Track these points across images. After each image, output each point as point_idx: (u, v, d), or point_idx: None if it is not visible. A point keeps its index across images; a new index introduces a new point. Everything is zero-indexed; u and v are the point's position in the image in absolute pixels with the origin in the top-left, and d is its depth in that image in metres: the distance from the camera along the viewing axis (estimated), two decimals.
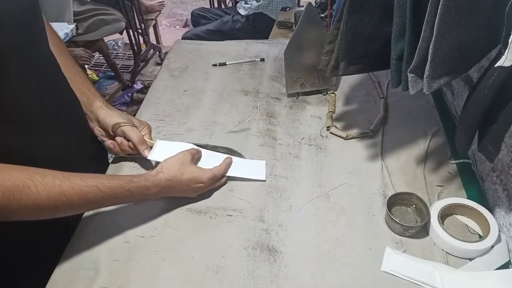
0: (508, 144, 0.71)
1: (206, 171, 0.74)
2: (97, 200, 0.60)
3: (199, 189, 0.74)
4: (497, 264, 0.65)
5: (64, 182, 0.56)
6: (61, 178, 0.56)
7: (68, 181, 0.56)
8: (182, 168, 0.70)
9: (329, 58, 0.77)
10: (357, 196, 0.78)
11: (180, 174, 0.70)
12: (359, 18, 0.67)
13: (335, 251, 0.69)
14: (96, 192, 0.59)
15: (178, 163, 0.71)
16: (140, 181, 0.65)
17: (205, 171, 0.74)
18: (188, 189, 0.72)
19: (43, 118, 0.66)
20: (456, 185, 0.79)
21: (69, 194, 0.56)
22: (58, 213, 0.57)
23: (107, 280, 0.64)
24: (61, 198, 0.55)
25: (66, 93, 0.75)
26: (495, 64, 0.48)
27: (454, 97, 1.02)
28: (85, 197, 0.58)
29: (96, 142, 0.85)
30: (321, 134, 0.93)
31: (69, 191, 0.56)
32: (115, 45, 3.10)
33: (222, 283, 0.64)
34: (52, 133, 0.69)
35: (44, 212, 0.56)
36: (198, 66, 1.19)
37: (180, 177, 0.70)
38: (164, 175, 0.68)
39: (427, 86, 0.58)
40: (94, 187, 0.59)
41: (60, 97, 0.71)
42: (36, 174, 0.54)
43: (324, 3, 1.46)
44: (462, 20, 0.52)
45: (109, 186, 0.61)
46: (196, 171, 0.72)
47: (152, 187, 0.67)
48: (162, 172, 0.69)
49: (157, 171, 0.69)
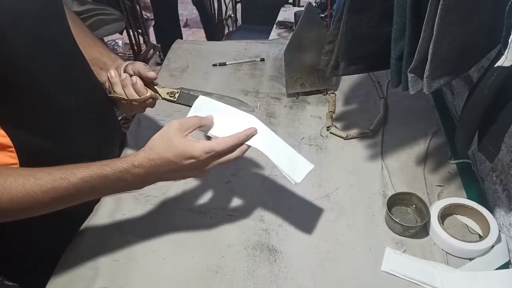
0: (508, 144, 0.71)
1: (198, 144, 0.57)
2: (70, 193, 0.54)
3: (192, 167, 0.58)
4: (497, 264, 0.65)
5: (28, 180, 0.51)
6: (25, 175, 0.51)
7: (33, 178, 0.51)
8: (167, 142, 0.57)
9: (329, 58, 0.77)
10: (357, 196, 0.78)
11: (164, 151, 0.57)
12: (359, 18, 0.67)
13: (335, 251, 0.69)
14: (66, 185, 0.53)
15: (162, 138, 0.58)
16: (117, 164, 0.56)
17: (197, 144, 0.57)
18: (177, 167, 0.58)
19: (72, 118, 0.66)
20: (456, 185, 0.79)
21: (33, 193, 0.51)
22: (29, 213, 0.54)
23: (107, 280, 0.64)
24: (26, 198, 0.51)
25: (94, 93, 0.74)
26: (495, 64, 0.49)
27: (454, 97, 1.02)
28: (53, 193, 0.52)
29: None
30: (321, 134, 0.93)
31: (34, 189, 0.51)
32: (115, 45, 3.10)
33: (222, 283, 0.64)
34: (82, 133, 0.69)
35: (12, 215, 0.53)
36: (198, 66, 1.19)
37: (165, 154, 0.57)
38: (145, 153, 0.57)
39: (427, 86, 0.58)
40: (62, 180, 0.53)
41: (88, 97, 0.70)
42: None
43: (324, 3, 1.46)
44: (462, 20, 0.52)
45: (80, 176, 0.53)
46: (184, 144, 0.57)
47: (132, 168, 0.56)
48: (144, 150, 0.58)
49: (138, 151, 0.58)
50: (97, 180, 0.55)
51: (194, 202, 0.77)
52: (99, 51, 0.76)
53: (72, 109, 0.66)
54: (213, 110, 0.65)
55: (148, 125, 0.97)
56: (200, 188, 0.80)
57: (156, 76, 0.70)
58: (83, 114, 0.68)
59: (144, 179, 0.59)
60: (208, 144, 0.57)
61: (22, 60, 0.54)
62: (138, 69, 0.70)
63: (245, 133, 0.60)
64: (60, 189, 0.53)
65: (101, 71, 0.75)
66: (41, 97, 0.59)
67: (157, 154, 0.57)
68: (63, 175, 0.53)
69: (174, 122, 0.59)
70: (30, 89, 0.57)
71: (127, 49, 2.96)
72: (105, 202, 0.77)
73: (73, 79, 0.66)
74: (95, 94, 0.73)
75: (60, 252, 0.69)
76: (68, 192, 0.53)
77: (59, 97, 0.63)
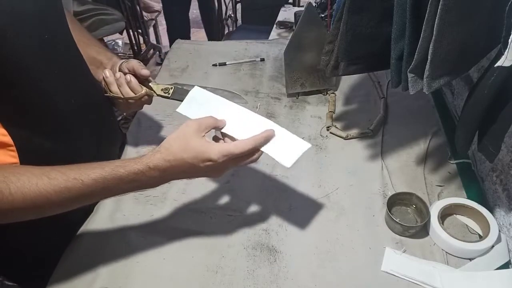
0: (508, 144, 0.71)
1: (216, 146, 0.56)
2: (83, 194, 0.53)
3: (208, 169, 0.57)
4: (497, 264, 0.65)
5: (41, 179, 0.50)
6: (39, 175, 0.51)
7: (46, 178, 0.51)
8: (183, 142, 0.56)
9: (329, 58, 0.77)
10: (357, 196, 0.78)
11: (181, 151, 0.55)
12: (359, 18, 0.67)
13: (335, 251, 0.69)
14: (80, 186, 0.52)
15: (179, 138, 0.56)
16: (131, 165, 0.55)
17: (215, 146, 0.56)
18: (194, 170, 0.57)
19: (72, 118, 0.66)
20: (456, 185, 0.79)
21: (47, 193, 0.51)
22: (42, 213, 0.53)
23: (107, 280, 0.64)
24: (39, 198, 0.50)
25: (93, 93, 0.74)
26: (495, 64, 0.48)
27: (454, 97, 1.02)
28: (67, 193, 0.52)
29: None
30: (321, 134, 0.93)
31: (47, 189, 0.50)
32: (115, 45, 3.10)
33: (222, 283, 0.64)
34: (82, 133, 0.69)
35: (24, 215, 0.52)
36: (198, 66, 1.19)
37: (181, 155, 0.55)
38: (161, 154, 0.56)
39: (427, 86, 0.58)
40: (76, 181, 0.52)
41: (87, 97, 0.71)
42: (12, 174, 0.50)
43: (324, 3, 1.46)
44: (462, 20, 0.52)
45: (94, 177, 0.53)
46: (201, 146, 0.56)
47: (148, 170, 0.55)
48: (159, 151, 0.56)
49: (153, 152, 0.57)
50: (110, 181, 0.54)
51: (194, 202, 0.77)
52: (95, 50, 0.76)
53: (72, 109, 0.66)
54: (207, 101, 0.65)
55: (148, 125, 0.97)
56: (200, 188, 0.80)
57: (149, 74, 0.70)
58: (82, 114, 0.68)
59: (159, 180, 0.58)
60: (226, 147, 0.56)
61: (22, 60, 0.54)
62: (133, 67, 0.71)
63: (263, 135, 0.58)
64: (73, 190, 0.52)
65: (97, 70, 0.75)
66: (41, 97, 0.59)
67: (174, 155, 0.55)
68: (77, 175, 0.52)
69: (192, 122, 0.57)
70: (30, 89, 0.57)
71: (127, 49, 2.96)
72: (105, 202, 0.77)
73: (73, 79, 0.66)
74: (95, 94, 0.73)
75: (60, 252, 0.69)
76: (81, 193, 0.53)
77: (59, 97, 0.63)
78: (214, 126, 0.60)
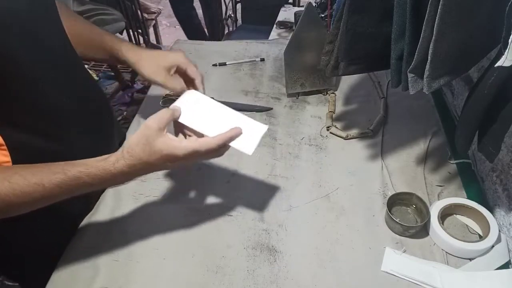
0: (508, 144, 0.71)
1: (181, 144, 0.55)
2: (46, 197, 0.53)
3: (175, 165, 0.58)
4: (497, 264, 0.65)
5: (2, 184, 0.50)
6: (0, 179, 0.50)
7: (7, 183, 0.50)
8: (147, 147, 0.54)
9: (329, 58, 0.77)
10: (357, 196, 0.78)
11: (146, 156, 0.54)
12: (359, 18, 0.67)
13: (335, 251, 0.69)
14: (41, 191, 0.52)
15: (142, 143, 0.55)
16: (95, 172, 0.54)
17: (180, 146, 0.55)
18: (160, 168, 0.58)
19: (67, 118, 0.66)
20: (456, 185, 0.79)
21: (7, 196, 0.50)
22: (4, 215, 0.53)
23: (107, 279, 0.64)
24: None
25: (89, 92, 0.74)
26: (495, 64, 0.48)
27: (454, 97, 1.02)
28: (28, 198, 0.51)
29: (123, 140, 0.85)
30: (321, 134, 0.93)
31: (9, 194, 0.50)
32: None
33: (222, 283, 0.64)
34: (77, 132, 0.69)
35: None
36: (198, 66, 1.19)
37: (147, 159, 0.55)
38: (125, 161, 0.54)
39: (427, 86, 0.58)
40: (37, 186, 0.51)
41: (83, 97, 0.71)
42: None
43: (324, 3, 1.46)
44: (462, 20, 0.52)
45: (56, 183, 0.52)
46: (167, 147, 0.55)
47: (111, 176, 0.55)
48: (123, 158, 0.55)
49: (116, 158, 0.55)
50: (74, 186, 0.53)
51: (194, 202, 0.77)
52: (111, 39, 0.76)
53: (67, 109, 0.66)
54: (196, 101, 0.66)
55: None
56: (200, 188, 0.80)
57: None
58: (78, 114, 0.68)
59: (125, 181, 0.58)
60: (192, 145, 0.55)
61: (16, 59, 0.54)
62: None
63: (229, 134, 0.58)
64: (35, 194, 0.52)
65: None
66: (35, 96, 0.59)
67: (138, 160, 0.55)
68: (38, 180, 0.52)
69: (151, 123, 0.56)
70: (24, 88, 0.57)
71: None
72: (105, 201, 0.77)
73: (68, 79, 0.66)
74: (91, 93, 0.73)
75: (60, 252, 0.69)
76: (44, 196, 0.52)
77: (54, 96, 0.63)
78: (172, 118, 0.59)
